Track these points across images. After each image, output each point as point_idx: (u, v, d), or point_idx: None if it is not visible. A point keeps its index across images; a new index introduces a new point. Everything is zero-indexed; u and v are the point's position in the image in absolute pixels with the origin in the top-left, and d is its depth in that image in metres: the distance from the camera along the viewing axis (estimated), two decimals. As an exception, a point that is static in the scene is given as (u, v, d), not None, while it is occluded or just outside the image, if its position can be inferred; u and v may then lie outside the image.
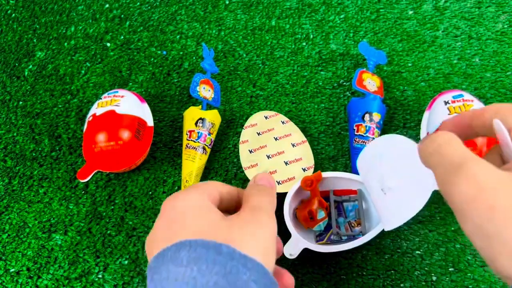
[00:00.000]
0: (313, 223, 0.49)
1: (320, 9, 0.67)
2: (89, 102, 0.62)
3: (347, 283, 0.49)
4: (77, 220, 0.54)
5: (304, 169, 0.38)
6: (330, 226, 0.50)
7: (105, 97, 0.55)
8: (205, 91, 0.56)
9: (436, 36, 0.63)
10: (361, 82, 0.55)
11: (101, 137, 0.51)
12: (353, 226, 0.49)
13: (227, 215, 0.31)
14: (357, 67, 0.62)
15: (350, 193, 0.51)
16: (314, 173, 0.49)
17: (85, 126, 0.54)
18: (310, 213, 0.48)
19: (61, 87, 0.64)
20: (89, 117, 0.54)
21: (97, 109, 0.53)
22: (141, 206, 0.54)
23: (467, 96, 0.52)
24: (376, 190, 0.44)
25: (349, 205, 0.51)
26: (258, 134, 0.41)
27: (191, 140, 0.54)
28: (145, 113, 0.55)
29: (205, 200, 0.31)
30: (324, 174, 0.49)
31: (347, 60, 0.63)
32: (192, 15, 0.68)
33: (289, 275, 0.34)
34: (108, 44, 0.67)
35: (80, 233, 0.53)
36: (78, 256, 0.52)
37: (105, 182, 0.56)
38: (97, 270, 0.51)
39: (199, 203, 0.30)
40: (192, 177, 0.53)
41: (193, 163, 0.53)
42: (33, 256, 0.53)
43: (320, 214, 0.48)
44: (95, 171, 0.53)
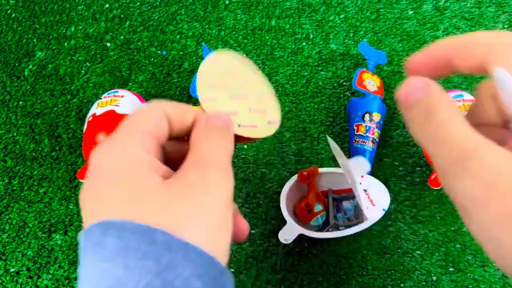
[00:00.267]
0: (311, 216, 0.49)
1: (320, 9, 0.67)
2: (89, 102, 0.62)
3: (348, 283, 0.49)
4: (77, 220, 0.54)
5: (269, 122, 0.29)
6: (329, 223, 0.50)
7: (105, 97, 0.55)
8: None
9: (436, 36, 0.63)
10: (361, 82, 0.55)
11: (101, 137, 0.51)
12: (352, 221, 0.49)
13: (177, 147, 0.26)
14: (357, 67, 0.62)
15: (350, 192, 0.51)
16: (311, 167, 0.49)
17: (85, 126, 0.54)
18: (307, 206, 0.49)
19: (61, 87, 0.64)
20: (89, 117, 0.53)
21: (97, 109, 0.53)
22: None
23: (467, 96, 0.52)
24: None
25: (349, 204, 0.51)
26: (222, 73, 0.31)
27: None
28: (145, 113, 0.55)
29: (139, 154, 0.23)
30: (321, 170, 0.49)
31: (347, 60, 0.63)
32: (192, 15, 0.68)
33: (241, 218, 0.28)
34: (108, 44, 0.67)
35: (80, 233, 0.53)
36: (78, 256, 0.52)
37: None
38: (97, 270, 0.51)
39: (131, 159, 0.23)
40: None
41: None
42: (33, 256, 0.53)
43: (317, 207, 0.49)
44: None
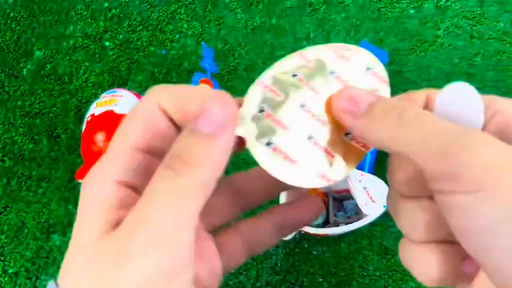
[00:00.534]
0: None
1: (321, 8, 0.67)
2: (88, 102, 0.61)
3: (348, 284, 0.48)
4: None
5: (322, 176, 0.19)
6: (329, 222, 0.50)
7: (104, 97, 0.55)
8: (205, 91, 0.56)
9: (438, 35, 0.63)
10: (362, 82, 0.55)
11: (100, 137, 0.51)
12: (353, 219, 0.49)
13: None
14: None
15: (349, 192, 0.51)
16: None
17: (84, 126, 0.53)
18: None
19: (60, 87, 0.63)
20: (88, 117, 0.53)
21: (96, 109, 0.53)
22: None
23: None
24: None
25: (349, 203, 0.51)
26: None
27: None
28: (145, 113, 0.55)
29: (95, 194, 0.18)
30: None
31: (348, 60, 0.62)
32: (192, 14, 0.68)
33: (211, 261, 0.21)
34: (107, 44, 0.66)
35: (79, 234, 0.53)
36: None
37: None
38: (96, 271, 0.51)
39: (86, 202, 0.18)
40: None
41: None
42: (32, 257, 0.52)
43: None
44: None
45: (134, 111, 0.19)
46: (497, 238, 0.14)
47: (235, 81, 0.61)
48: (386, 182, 0.51)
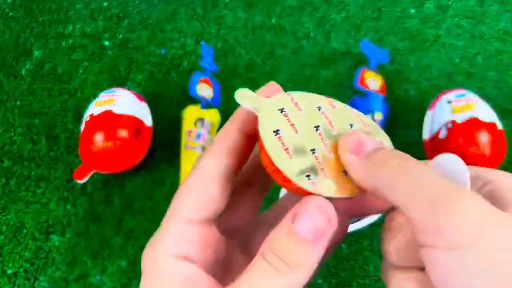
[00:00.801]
0: None
1: (321, 7, 0.66)
2: (87, 102, 0.61)
3: (349, 285, 0.48)
4: (75, 221, 0.54)
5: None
6: None
7: (103, 97, 0.54)
8: (205, 90, 0.56)
9: (439, 35, 0.63)
10: (363, 81, 0.55)
11: (99, 137, 0.51)
12: (353, 220, 0.49)
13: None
14: (359, 66, 0.61)
15: None
16: None
17: (83, 126, 0.53)
18: None
19: (59, 87, 0.63)
20: (87, 117, 0.53)
21: (95, 109, 0.53)
22: (140, 207, 0.54)
23: (470, 95, 0.51)
24: None
25: None
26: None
27: (190, 140, 0.53)
28: (144, 113, 0.55)
29: (168, 268, 0.19)
30: None
31: (349, 59, 0.62)
32: (192, 14, 0.68)
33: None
34: (106, 43, 0.66)
35: (78, 235, 0.53)
36: (76, 258, 0.52)
37: (103, 183, 0.56)
38: (95, 272, 0.51)
39: (158, 279, 0.19)
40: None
41: (192, 164, 0.53)
42: (31, 258, 0.52)
43: None
44: (93, 172, 0.53)
45: (188, 181, 0.21)
46: None
47: (235, 81, 0.61)
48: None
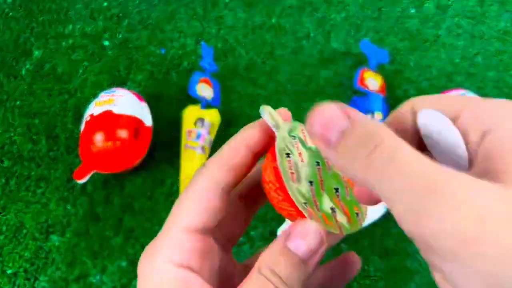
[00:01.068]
0: None
1: (321, 7, 0.66)
2: (87, 102, 0.61)
3: (349, 285, 0.48)
4: (75, 221, 0.54)
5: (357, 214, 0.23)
6: None
7: (103, 96, 0.54)
8: (205, 90, 0.56)
9: (438, 35, 0.63)
10: (363, 81, 0.55)
11: (99, 137, 0.50)
12: None
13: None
14: (359, 66, 0.61)
15: None
16: None
17: (83, 126, 0.53)
18: None
19: (59, 87, 0.63)
20: (87, 117, 0.53)
21: (95, 109, 0.53)
22: (140, 207, 0.54)
23: (470, 95, 0.51)
24: None
25: None
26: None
27: (190, 140, 0.53)
28: (144, 113, 0.55)
29: (166, 274, 0.19)
30: None
31: (349, 59, 0.62)
32: (191, 14, 0.68)
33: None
34: (106, 43, 0.66)
35: (78, 235, 0.53)
36: (76, 258, 0.51)
37: (103, 183, 0.56)
38: (95, 272, 0.51)
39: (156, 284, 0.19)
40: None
41: (192, 164, 0.53)
42: (31, 258, 0.52)
43: None
44: (93, 172, 0.53)
45: (189, 190, 0.20)
46: None
47: (235, 81, 0.61)
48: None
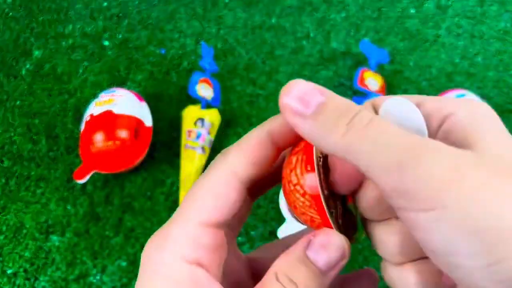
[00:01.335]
0: None
1: (321, 7, 0.66)
2: (87, 102, 0.61)
3: (349, 285, 0.48)
4: (75, 221, 0.54)
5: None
6: None
7: (103, 96, 0.54)
8: (205, 90, 0.56)
9: (438, 35, 0.62)
10: (363, 81, 0.55)
11: (99, 137, 0.50)
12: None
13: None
14: (359, 66, 0.61)
15: None
16: None
17: (83, 126, 0.53)
18: None
19: (59, 87, 0.63)
20: (87, 117, 0.53)
21: (95, 109, 0.53)
22: (140, 207, 0.54)
23: (470, 95, 0.51)
24: None
25: (351, 203, 0.51)
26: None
27: (190, 140, 0.53)
28: (144, 113, 0.55)
29: (177, 272, 0.17)
30: None
31: (349, 59, 0.62)
32: (191, 13, 0.68)
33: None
34: (106, 43, 0.66)
35: (78, 235, 0.53)
36: (76, 258, 0.51)
37: (103, 183, 0.56)
38: (95, 272, 0.51)
39: (164, 283, 0.17)
40: (191, 179, 0.53)
41: (192, 164, 0.53)
42: (31, 258, 0.52)
43: None
44: (93, 172, 0.53)
45: (206, 181, 0.18)
46: (460, 258, 0.14)
47: (235, 81, 0.61)
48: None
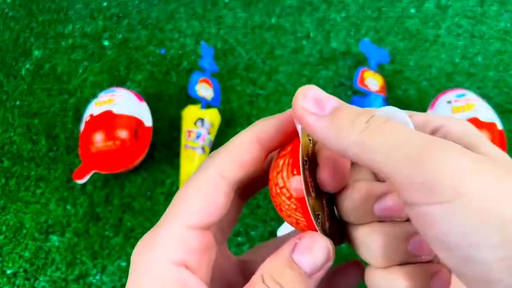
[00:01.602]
0: None
1: (321, 7, 0.66)
2: (87, 102, 0.61)
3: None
4: (75, 221, 0.53)
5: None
6: None
7: (103, 96, 0.54)
8: (204, 90, 0.55)
9: (439, 35, 0.62)
10: (363, 81, 0.55)
11: (98, 137, 0.50)
12: None
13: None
14: (359, 66, 0.61)
15: None
16: None
17: (83, 126, 0.53)
18: None
19: (59, 87, 0.63)
20: (87, 117, 0.53)
21: (95, 109, 0.53)
22: (140, 207, 0.54)
23: (470, 95, 0.51)
24: None
25: None
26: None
27: (190, 140, 0.53)
28: (144, 113, 0.55)
29: (163, 274, 0.17)
30: None
31: (349, 59, 0.62)
32: (191, 13, 0.67)
33: None
34: (106, 43, 0.66)
35: (78, 235, 0.53)
36: (76, 258, 0.51)
37: (103, 183, 0.56)
38: (95, 272, 0.50)
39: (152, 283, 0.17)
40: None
41: (192, 164, 0.53)
42: (30, 258, 0.52)
43: None
44: (93, 172, 0.53)
45: (194, 183, 0.18)
46: (479, 250, 0.13)
47: (235, 80, 0.61)
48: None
